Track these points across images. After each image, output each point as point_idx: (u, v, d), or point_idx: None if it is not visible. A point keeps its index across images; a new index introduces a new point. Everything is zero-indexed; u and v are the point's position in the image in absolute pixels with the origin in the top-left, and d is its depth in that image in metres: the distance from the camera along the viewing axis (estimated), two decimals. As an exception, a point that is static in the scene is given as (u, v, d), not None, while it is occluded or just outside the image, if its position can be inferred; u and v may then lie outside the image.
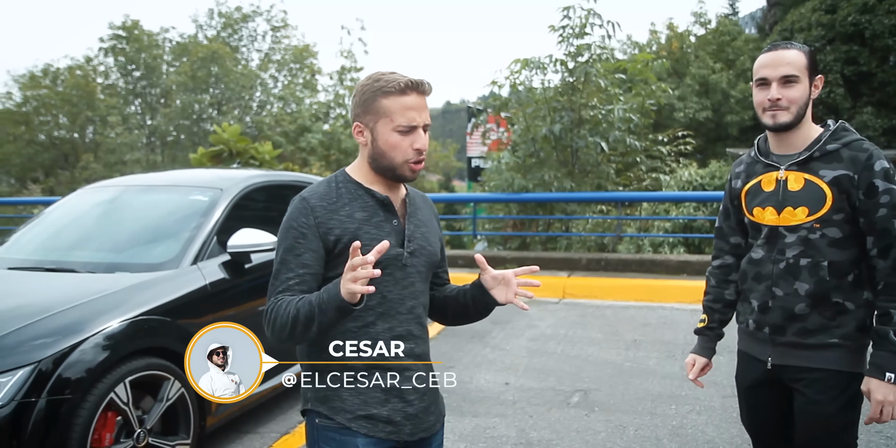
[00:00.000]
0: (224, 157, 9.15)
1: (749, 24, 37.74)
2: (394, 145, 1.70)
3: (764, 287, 2.11)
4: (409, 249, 1.75)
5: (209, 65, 28.85)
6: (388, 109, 1.69)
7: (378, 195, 1.76)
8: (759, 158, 2.16)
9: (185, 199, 3.95)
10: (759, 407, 2.25)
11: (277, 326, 1.62)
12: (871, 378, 1.97)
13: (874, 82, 20.95)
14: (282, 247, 1.71)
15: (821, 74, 2.09)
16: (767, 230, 2.11)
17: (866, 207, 1.98)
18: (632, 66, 9.61)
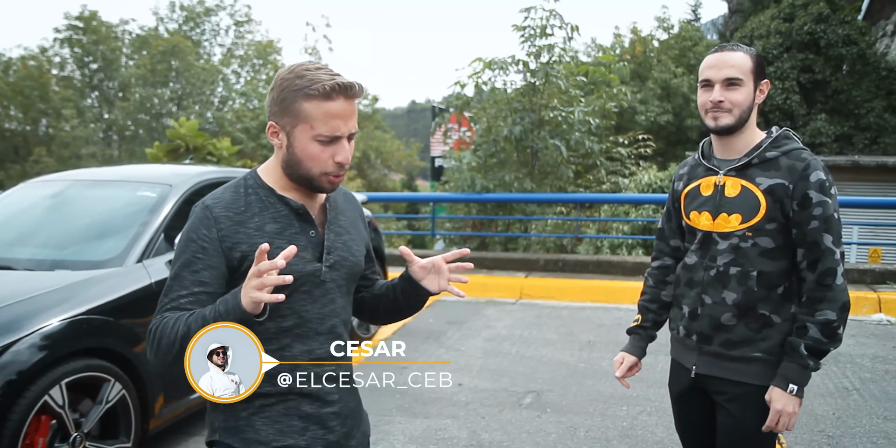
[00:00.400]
0: (181, 152, 8.95)
1: (710, 31, 38.37)
2: (312, 156, 1.49)
3: (695, 293, 2.09)
4: (327, 263, 1.57)
5: (169, 58, 28.31)
6: (309, 115, 1.46)
7: (293, 204, 1.55)
8: (702, 162, 2.13)
9: (132, 195, 3.84)
10: (687, 414, 2.24)
11: (163, 346, 1.41)
12: (775, 387, 1.94)
13: (828, 90, 21.46)
14: (178, 261, 1.49)
15: (766, 79, 2.06)
16: (701, 235, 2.08)
17: (799, 219, 1.93)
18: (594, 69, 9.67)
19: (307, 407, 1.55)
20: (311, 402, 1.56)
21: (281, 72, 1.52)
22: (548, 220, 10.00)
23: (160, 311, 1.47)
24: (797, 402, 1.93)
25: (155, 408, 3.26)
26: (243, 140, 22.77)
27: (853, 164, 15.70)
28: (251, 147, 23.09)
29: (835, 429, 3.81)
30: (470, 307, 6.84)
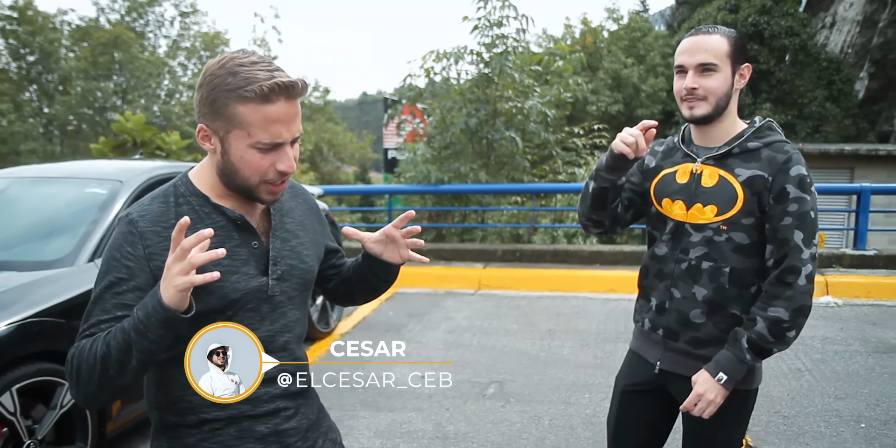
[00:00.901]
0: (128, 147, 8.72)
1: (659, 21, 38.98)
2: (250, 165, 1.31)
3: (664, 286, 1.99)
4: (274, 276, 1.41)
5: (112, 50, 27.49)
6: (245, 120, 1.27)
7: (230, 213, 1.38)
8: (680, 146, 2.01)
9: (81, 192, 3.71)
10: (632, 413, 2.11)
11: (84, 374, 1.23)
12: (704, 371, 1.85)
13: (772, 80, 22.03)
14: (100, 283, 1.32)
15: (748, 63, 1.92)
16: (673, 225, 1.96)
17: (773, 213, 1.83)
18: (549, 60, 9.71)
19: (262, 427, 1.42)
20: (267, 420, 1.42)
21: (209, 65, 1.30)
22: (504, 210, 10.05)
23: (79, 338, 1.29)
24: (722, 393, 1.83)
25: (112, 410, 3.16)
26: (192, 134, 22.32)
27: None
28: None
29: (790, 409, 3.91)
30: (429, 299, 6.84)
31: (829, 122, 22.03)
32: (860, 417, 3.78)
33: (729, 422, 1.95)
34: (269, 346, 1.41)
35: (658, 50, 26.29)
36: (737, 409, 1.94)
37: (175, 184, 1.42)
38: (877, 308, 6.19)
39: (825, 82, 22.16)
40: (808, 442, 3.52)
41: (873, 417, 3.78)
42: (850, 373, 4.49)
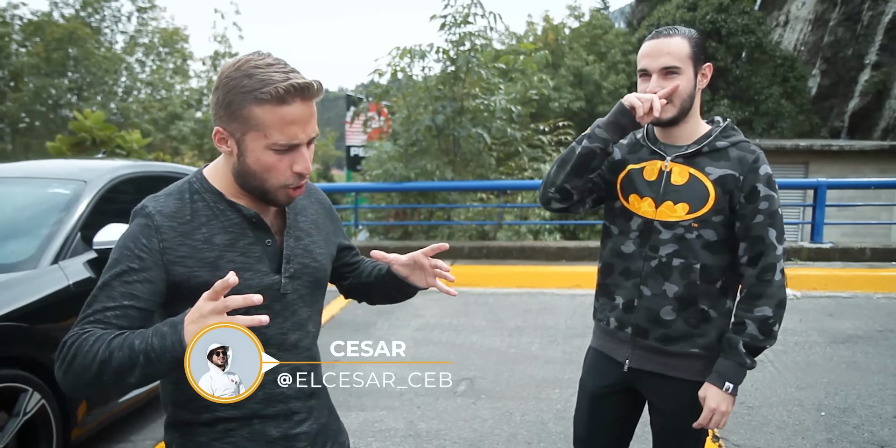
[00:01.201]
0: (87, 145, 8.52)
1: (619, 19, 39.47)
2: (267, 167, 1.32)
3: (631, 284, 1.98)
4: (287, 274, 1.42)
5: (67, 46, 26.81)
6: (262, 122, 1.27)
7: (245, 211, 1.39)
8: (647, 143, 2.00)
9: (43, 193, 3.61)
10: (604, 417, 2.12)
11: (76, 367, 1.20)
12: (711, 385, 1.88)
13: (729, 77, 22.49)
14: (110, 270, 1.30)
15: (709, 62, 1.94)
16: (641, 223, 1.96)
17: (745, 212, 1.87)
18: (514, 59, 9.76)
19: (273, 430, 1.43)
20: (279, 424, 1.44)
21: (225, 68, 1.31)
22: (470, 207, 10.08)
23: (80, 323, 1.26)
24: (731, 401, 1.88)
25: (77, 416, 3.10)
26: (151, 132, 21.91)
27: (755, 148, 16.48)
28: (160, 139, 22.25)
29: (754, 400, 4.01)
30: (397, 297, 6.82)
31: (785, 118, 22.58)
32: (820, 406, 3.89)
33: (698, 414, 1.97)
34: (281, 344, 1.42)
35: (619, 47, 26.62)
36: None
37: (190, 181, 1.42)
38: (833, 300, 6.36)
39: (780, 79, 22.71)
40: (772, 431, 3.61)
41: (832, 405, 3.89)
42: (809, 363, 4.61)
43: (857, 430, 3.58)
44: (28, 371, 2.84)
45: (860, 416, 3.75)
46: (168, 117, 23.98)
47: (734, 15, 22.06)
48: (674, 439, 2.03)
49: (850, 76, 24.17)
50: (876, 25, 23.35)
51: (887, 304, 6.18)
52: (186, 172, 4.65)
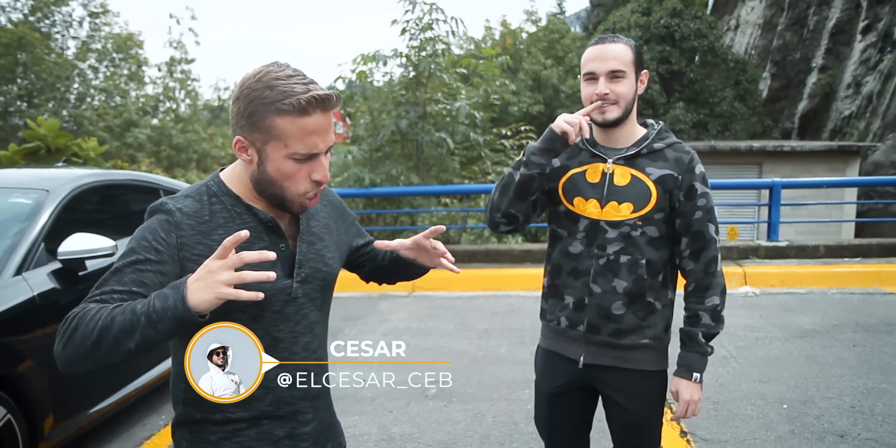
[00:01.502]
0: (41, 154, 8.31)
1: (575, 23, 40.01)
2: (288, 175, 1.36)
3: (581, 283, 2.06)
4: (298, 278, 1.45)
5: (15, 52, 26.09)
6: (283, 132, 1.31)
7: (262, 215, 1.42)
8: (586, 146, 2.09)
9: (4, 202, 3.52)
10: (564, 413, 2.20)
11: (76, 338, 1.20)
12: (680, 378, 2.02)
13: (684, 80, 22.95)
14: (124, 258, 1.32)
15: (645, 70, 2.07)
16: (588, 223, 2.04)
17: (685, 209, 1.99)
18: (475, 64, 9.83)
19: (280, 430, 1.47)
20: (285, 424, 1.47)
21: (246, 79, 1.34)
22: (434, 212, 10.10)
23: (86, 301, 1.28)
24: (700, 389, 2.02)
25: (44, 429, 3.03)
26: (107, 139, 21.45)
27: (710, 149, 16.86)
28: (115, 147, 21.80)
29: (719, 395, 4.11)
30: (364, 302, 6.82)
31: (738, 120, 23.11)
32: (783, 399, 4.01)
33: (653, 402, 2.11)
34: (292, 347, 1.45)
35: (576, 51, 26.98)
36: (658, 389, 2.11)
37: (207, 184, 1.45)
38: (791, 296, 6.55)
39: (733, 82, 23.25)
40: (738, 424, 3.71)
41: (794, 398, 4.01)
42: (771, 358, 4.74)
43: (818, 421, 3.70)
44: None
45: (820, 407, 3.87)
46: (123, 124, 23.51)
47: (687, 19, 22.55)
48: (634, 428, 2.13)
49: (799, 79, 24.89)
50: (821, 30, 24.10)
51: (841, 298, 6.39)
52: (150, 180, 4.59)
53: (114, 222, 4.17)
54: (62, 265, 3.27)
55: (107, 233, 3.39)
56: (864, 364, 4.54)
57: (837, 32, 23.29)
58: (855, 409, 3.82)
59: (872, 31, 21.85)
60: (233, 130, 1.38)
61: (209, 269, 1.18)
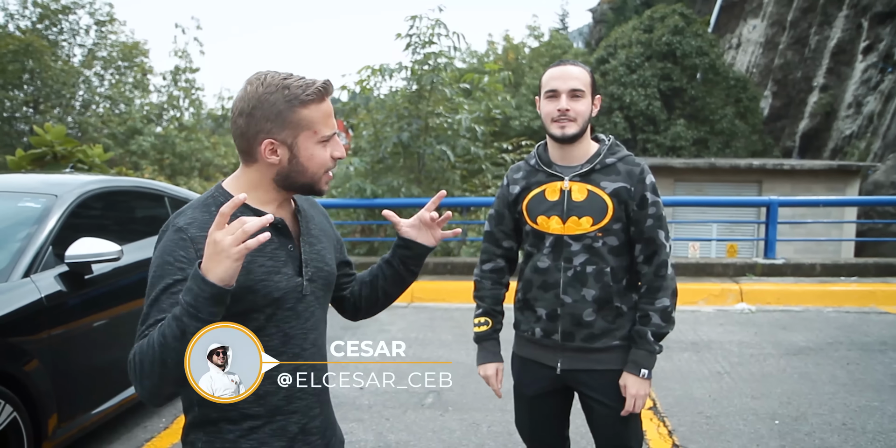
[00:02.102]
0: (47, 160, 8.40)
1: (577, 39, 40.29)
2: (318, 159, 1.48)
3: (552, 295, 2.17)
4: (307, 276, 1.53)
5: (23, 59, 26.30)
6: (311, 120, 1.44)
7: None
8: (542, 167, 2.21)
9: (12, 207, 3.60)
10: (544, 415, 2.33)
11: (146, 368, 1.29)
12: (629, 374, 2.14)
13: (685, 97, 23.05)
14: (155, 287, 1.38)
15: (599, 95, 2.21)
16: (553, 239, 2.16)
17: (637, 217, 2.13)
18: (479, 78, 9.94)
19: (293, 426, 1.52)
20: (298, 419, 1.53)
21: (252, 91, 1.44)
22: (434, 223, 10.16)
23: (137, 339, 1.35)
24: (648, 385, 2.14)
25: (49, 429, 3.09)
26: (111, 146, 21.59)
27: (711, 166, 16.95)
28: (119, 154, 21.92)
29: (711, 409, 4.16)
30: (363, 312, 6.86)
31: (738, 137, 23.18)
32: (774, 415, 4.06)
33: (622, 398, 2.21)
34: (303, 343, 1.53)
35: (578, 67, 27.11)
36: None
37: (213, 195, 1.52)
38: (786, 313, 6.60)
39: (733, 100, 23.35)
40: (729, 439, 3.76)
41: (786, 414, 4.06)
42: (764, 374, 4.79)
43: (809, 438, 3.75)
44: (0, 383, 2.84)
45: (811, 423, 3.92)
46: (128, 132, 23.66)
47: (688, 37, 22.68)
48: (614, 424, 2.23)
49: (800, 98, 25.01)
50: (822, 49, 24.26)
51: (837, 317, 6.44)
52: (155, 187, 4.67)
53: (119, 227, 4.25)
54: (69, 268, 3.34)
55: (113, 237, 3.46)
56: (857, 382, 4.59)
57: (839, 52, 23.45)
58: (846, 427, 3.87)
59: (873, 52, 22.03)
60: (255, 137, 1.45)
61: (214, 241, 1.24)
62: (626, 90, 22.34)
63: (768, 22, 27.58)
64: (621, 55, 23.13)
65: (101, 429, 3.78)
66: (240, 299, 1.39)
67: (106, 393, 3.60)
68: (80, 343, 3.42)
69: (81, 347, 3.42)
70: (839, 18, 23.62)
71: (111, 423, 3.89)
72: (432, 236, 1.72)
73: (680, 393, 4.43)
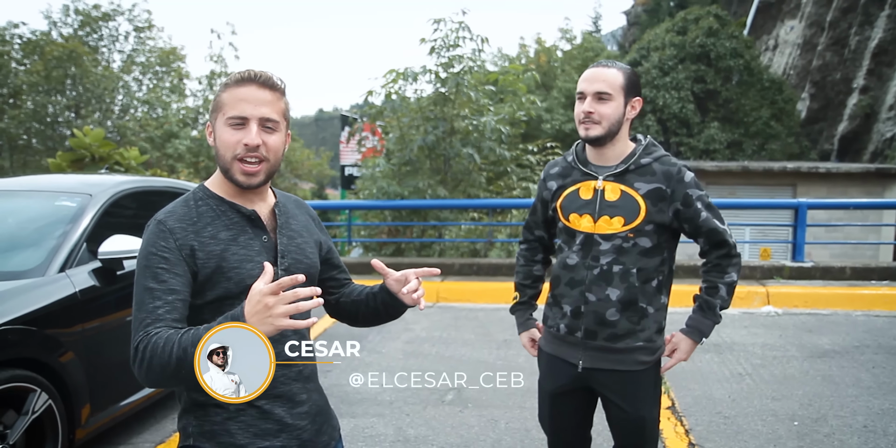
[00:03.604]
0: (86, 162, 8.69)
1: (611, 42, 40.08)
2: (224, 141, 1.55)
3: (577, 292, 2.20)
4: (282, 267, 1.61)
5: (65, 65, 27.06)
6: (224, 102, 1.56)
7: (244, 210, 1.60)
8: (577, 166, 2.25)
9: (50, 205, 3.78)
10: (565, 412, 2.36)
11: (155, 366, 1.38)
12: (688, 338, 2.22)
13: (719, 99, 22.83)
14: (143, 276, 1.49)
15: (639, 97, 2.20)
16: (583, 237, 2.19)
17: (689, 215, 2.15)
18: (503, 79, 10.00)
19: (279, 410, 1.59)
20: (283, 404, 1.60)
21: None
22: (461, 225, 10.25)
23: (141, 327, 1.43)
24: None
25: (82, 417, 3.24)
26: (148, 150, 22.10)
27: (743, 169, 16.76)
28: (156, 157, 22.42)
29: (730, 410, 4.17)
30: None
31: (774, 140, 22.87)
32: (794, 416, 4.05)
33: (648, 402, 2.26)
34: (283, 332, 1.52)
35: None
36: (652, 389, 2.27)
37: (193, 191, 1.66)
38: (813, 316, 6.54)
39: (769, 102, 23.05)
40: (746, 439, 3.76)
41: (806, 416, 4.05)
42: (786, 376, 4.77)
43: (828, 439, 3.74)
44: (36, 372, 2.99)
45: (831, 425, 3.91)
46: (164, 135, 24.17)
47: (723, 39, 22.48)
48: (632, 428, 2.26)
49: (839, 100, 24.57)
50: (863, 50, 23.80)
51: (865, 320, 6.37)
52: (187, 188, 4.83)
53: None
54: (102, 264, 3.50)
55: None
56: (882, 385, 4.55)
57: (880, 53, 22.98)
58: (867, 429, 3.85)
59: (915, 53, 21.58)
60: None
61: (266, 305, 1.32)
62: (659, 93, 22.21)
63: (806, 23, 27.14)
64: (654, 57, 23.00)
65: (131, 419, 3.93)
66: (214, 285, 1.52)
67: (136, 385, 3.74)
68: (113, 336, 3.56)
69: (113, 340, 3.57)
70: (881, 18, 23.14)
71: (141, 414, 4.04)
72: (410, 298, 1.69)
73: (699, 393, 4.44)
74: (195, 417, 1.57)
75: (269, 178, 1.62)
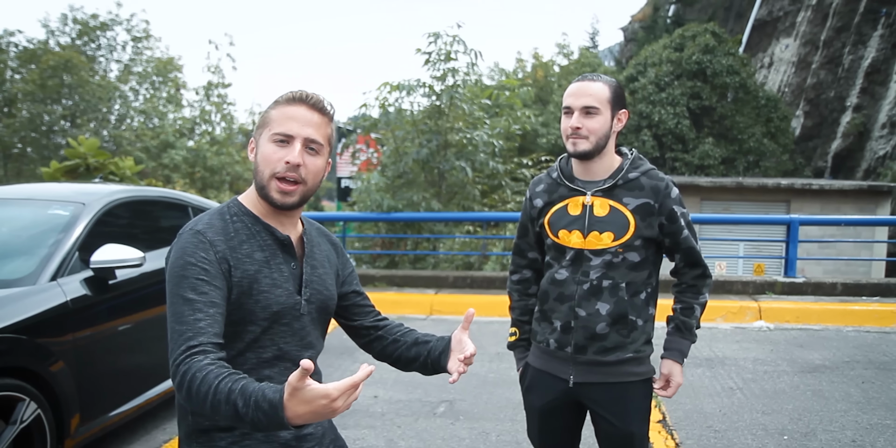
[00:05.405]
0: (80, 171, 8.68)
1: (608, 57, 40.30)
2: (265, 156, 1.54)
3: (567, 308, 2.19)
4: (305, 296, 1.59)
5: (62, 74, 27.08)
6: (271, 118, 1.55)
7: (278, 234, 1.58)
8: (563, 182, 2.23)
9: (42, 214, 3.78)
10: (553, 427, 2.33)
11: (195, 399, 1.30)
12: (675, 363, 2.25)
13: (714, 115, 22.94)
14: (180, 287, 1.43)
15: (625, 109, 2.19)
16: (573, 253, 2.18)
17: (672, 230, 2.18)
18: (499, 93, 10.06)
19: (285, 433, 1.56)
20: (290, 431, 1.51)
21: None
22: (455, 238, 10.27)
23: (182, 341, 1.37)
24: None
25: (71, 427, 3.22)
26: (143, 160, 22.10)
27: (738, 186, 16.84)
28: (151, 167, 22.43)
29: (721, 424, 4.17)
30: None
31: (768, 157, 22.98)
32: (784, 430, 4.06)
33: (638, 416, 2.25)
34: (296, 359, 1.56)
35: (606, 85, 27.09)
36: (642, 403, 2.27)
37: (228, 205, 1.63)
38: (805, 332, 6.56)
39: (763, 119, 23.16)
40: (736, 453, 3.77)
41: (795, 430, 4.06)
42: (777, 391, 4.78)
43: (817, 453, 3.74)
44: (26, 382, 2.98)
45: (820, 439, 3.92)
46: (160, 146, 24.22)
47: (719, 56, 22.60)
48: (622, 442, 2.24)
49: (833, 117, 24.73)
50: (856, 69, 24.00)
51: (856, 336, 6.39)
52: (180, 198, 4.83)
53: (144, 235, 4.41)
54: (94, 273, 3.50)
55: (137, 245, 3.62)
56: (871, 400, 4.56)
57: (873, 72, 23.18)
58: (856, 444, 3.86)
59: (907, 72, 21.76)
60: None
61: (333, 409, 1.21)
62: (654, 108, 22.31)
63: (801, 41, 27.38)
64: (651, 73, 23.14)
65: (120, 429, 3.91)
66: (239, 307, 1.48)
67: (127, 395, 3.74)
68: (104, 346, 3.56)
69: (104, 350, 3.57)
70: (874, 38, 23.38)
71: (131, 424, 4.02)
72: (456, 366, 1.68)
73: (690, 407, 4.44)
74: (199, 444, 1.55)
75: (303, 202, 1.59)
